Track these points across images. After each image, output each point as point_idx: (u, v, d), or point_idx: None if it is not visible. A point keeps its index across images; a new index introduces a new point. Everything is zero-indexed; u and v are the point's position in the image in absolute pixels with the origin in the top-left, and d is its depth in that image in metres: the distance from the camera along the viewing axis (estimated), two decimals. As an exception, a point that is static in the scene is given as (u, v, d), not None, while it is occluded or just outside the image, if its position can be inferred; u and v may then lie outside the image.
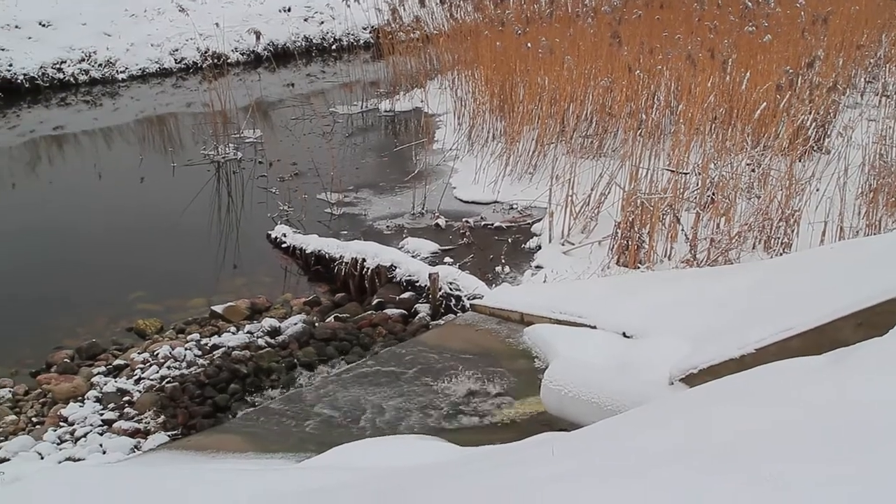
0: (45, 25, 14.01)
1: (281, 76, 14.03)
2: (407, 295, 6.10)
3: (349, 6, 13.84)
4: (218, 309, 6.08)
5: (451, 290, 5.89)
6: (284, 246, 7.17)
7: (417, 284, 6.13)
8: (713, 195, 6.28)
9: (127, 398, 5.04)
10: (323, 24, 16.36)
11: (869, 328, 2.95)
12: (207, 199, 8.56)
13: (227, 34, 13.52)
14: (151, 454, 3.99)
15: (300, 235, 7.17)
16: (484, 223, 7.42)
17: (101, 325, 6.05)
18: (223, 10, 14.84)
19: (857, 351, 2.46)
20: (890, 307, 3.05)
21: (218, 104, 10.09)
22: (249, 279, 6.82)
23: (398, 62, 12.34)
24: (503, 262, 6.47)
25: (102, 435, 4.66)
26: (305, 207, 7.96)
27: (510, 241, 6.95)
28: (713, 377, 3.11)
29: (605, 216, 6.63)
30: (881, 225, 6.04)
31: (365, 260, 6.44)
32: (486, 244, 6.94)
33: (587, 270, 6.06)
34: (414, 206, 7.81)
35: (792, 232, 6.02)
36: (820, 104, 7.69)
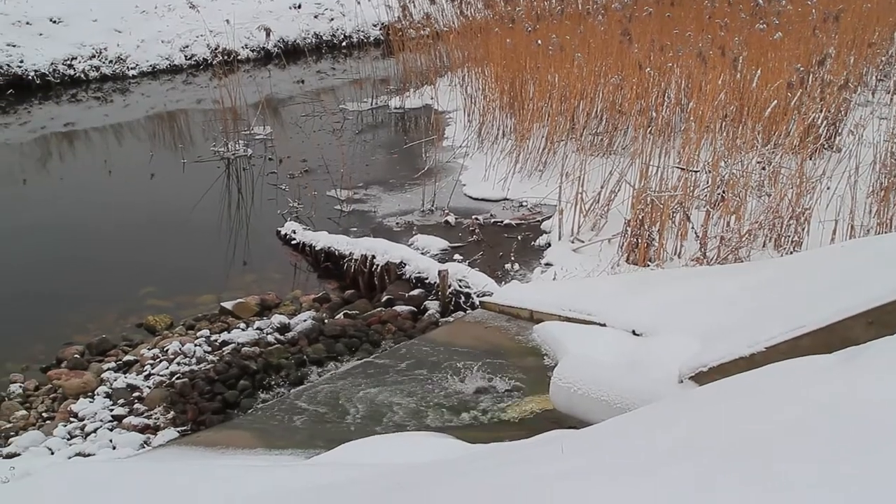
0: (55, 22, 14.06)
1: (291, 73, 14.04)
2: (416, 292, 6.10)
3: (359, 3, 13.88)
4: (228, 305, 6.10)
5: (460, 287, 5.90)
6: (294, 242, 7.18)
7: (427, 281, 6.14)
8: (723, 193, 6.26)
9: (137, 394, 5.07)
10: (333, 20, 16.39)
11: (880, 327, 2.94)
12: (217, 195, 8.58)
13: (237, 31, 13.55)
14: (161, 450, 4.00)
15: (310, 232, 7.18)
16: (493, 220, 7.42)
17: (111, 320, 6.08)
18: (234, 6, 14.86)
19: (867, 350, 2.45)
20: (901, 306, 3.03)
21: (228, 101, 10.12)
22: (259, 275, 6.83)
23: (408, 59, 12.35)
24: (513, 259, 6.47)
25: (112, 430, 4.68)
26: (315, 204, 7.97)
27: (520, 238, 6.95)
28: (723, 375, 3.11)
29: (615, 214, 6.63)
30: (892, 223, 6.01)
31: (374, 257, 6.44)
32: (495, 241, 6.94)
33: (597, 268, 6.05)
34: (423, 203, 7.81)
35: (802, 230, 6.00)
36: (831, 102, 7.66)
